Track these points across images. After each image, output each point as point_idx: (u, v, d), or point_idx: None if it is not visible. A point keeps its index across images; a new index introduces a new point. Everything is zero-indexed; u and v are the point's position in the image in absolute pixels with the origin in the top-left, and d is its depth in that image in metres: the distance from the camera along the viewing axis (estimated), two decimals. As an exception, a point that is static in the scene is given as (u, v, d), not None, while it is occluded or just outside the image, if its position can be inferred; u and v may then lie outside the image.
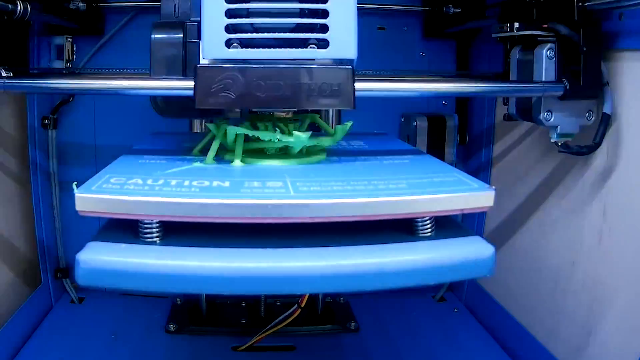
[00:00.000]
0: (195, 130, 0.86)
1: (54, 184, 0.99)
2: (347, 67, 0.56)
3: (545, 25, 0.71)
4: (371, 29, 1.05)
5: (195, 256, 0.44)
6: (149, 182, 0.48)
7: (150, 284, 0.44)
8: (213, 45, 0.55)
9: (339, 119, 0.91)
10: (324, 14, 0.54)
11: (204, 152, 0.61)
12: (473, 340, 0.92)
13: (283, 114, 0.62)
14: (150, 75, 0.59)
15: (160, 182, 0.48)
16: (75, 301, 1.00)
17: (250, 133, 0.57)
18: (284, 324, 0.77)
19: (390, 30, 1.05)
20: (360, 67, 1.01)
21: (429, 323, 0.97)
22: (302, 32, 0.55)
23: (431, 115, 1.02)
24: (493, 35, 0.79)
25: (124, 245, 0.45)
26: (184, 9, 0.61)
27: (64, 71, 0.97)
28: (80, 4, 0.93)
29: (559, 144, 0.73)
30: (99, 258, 0.44)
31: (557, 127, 0.72)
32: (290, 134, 0.57)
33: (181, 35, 0.58)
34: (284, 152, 0.60)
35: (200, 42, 0.56)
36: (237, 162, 0.57)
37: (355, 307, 0.99)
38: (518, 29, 0.74)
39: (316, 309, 0.96)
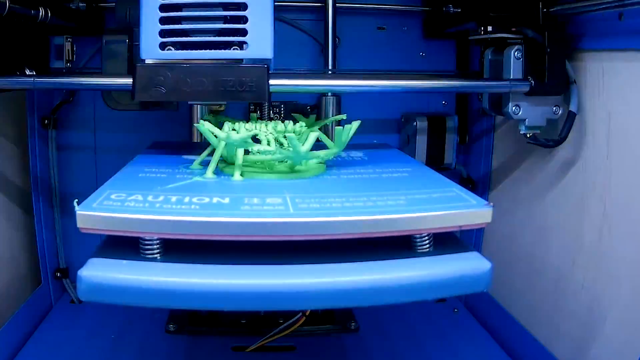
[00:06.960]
0: (195, 140, 0.86)
1: (54, 183, 0.98)
2: (263, 65, 0.64)
3: (514, 29, 0.78)
4: (371, 29, 1.04)
5: (195, 273, 0.45)
6: (150, 198, 0.49)
7: (151, 301, 0.45)
8: (149, 48, 0.63)
9: (339, 121, 0.90)
10: (244, 20, 0.63)
11: (204, 163, 0.61)
12: (473, 341, 0.92)
13: (216, 107, 0.77)
14: (101, 73, 0.74)
15: (161, 198, 0.49)
16: (75, 301, 1.00)
17: (250, 147, 0.57)
18: (289, 331, 0.77)
19: (390, 30, 1.04)
20: (360, 67, 1.02)
21: (429, 323, 0.97)
22: (225, 35, 0.64)
23: (431, 115, 1.02)
24: (470, 38, 0.86)
25: (125, 261, 0.46)
26: (135, 15, 0.71)
27: (63, 70, 0.96)
28: (80, 4, 0.92)
29: (528, 135, 0.79)
30: (101, 275, 0.45)
31: (525, 120, 0.78)
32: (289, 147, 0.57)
33: (127, 39, 0.74)
34: (283, 165, 0.60)
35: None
36: (237, 177, 0.57)
37: (355, 307, 0.99)
38: (490, 32, 0.80)
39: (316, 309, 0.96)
